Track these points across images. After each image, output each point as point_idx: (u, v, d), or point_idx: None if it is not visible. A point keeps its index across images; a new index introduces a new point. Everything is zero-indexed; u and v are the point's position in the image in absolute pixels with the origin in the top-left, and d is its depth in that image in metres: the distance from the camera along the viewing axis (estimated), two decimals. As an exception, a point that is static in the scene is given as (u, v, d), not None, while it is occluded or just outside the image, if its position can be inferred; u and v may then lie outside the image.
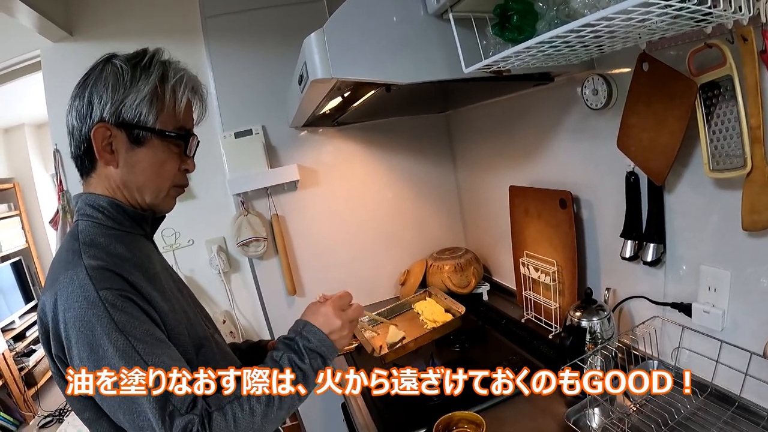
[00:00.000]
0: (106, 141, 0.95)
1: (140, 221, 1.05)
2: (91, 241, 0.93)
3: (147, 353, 0.84)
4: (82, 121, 0.96)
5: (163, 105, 0.98)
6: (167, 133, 0.99)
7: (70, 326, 0.83)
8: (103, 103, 0.94)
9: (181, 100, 1.00)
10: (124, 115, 0.95)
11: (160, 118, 0.98)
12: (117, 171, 0.98)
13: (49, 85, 2.14)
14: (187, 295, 1.15)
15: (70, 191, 2.23)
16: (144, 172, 1.00)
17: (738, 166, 1.03)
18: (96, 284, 0.84)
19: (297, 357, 0.99)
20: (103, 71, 0.96)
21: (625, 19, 0.76)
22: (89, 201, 0.99)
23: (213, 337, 1.10)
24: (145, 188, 1.01)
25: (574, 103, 1.54)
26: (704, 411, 1.17)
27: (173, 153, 1.03)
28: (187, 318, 1.02)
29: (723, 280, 1.18)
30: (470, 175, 2.45)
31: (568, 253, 1.62)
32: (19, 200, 4.95)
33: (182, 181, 1.08)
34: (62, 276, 0.86)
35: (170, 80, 0.99)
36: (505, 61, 1.01)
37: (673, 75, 1.11)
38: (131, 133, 0.96)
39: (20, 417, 4.12)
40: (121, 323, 0.83)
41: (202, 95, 1.09)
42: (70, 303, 0.83)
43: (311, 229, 2.36)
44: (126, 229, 1.01)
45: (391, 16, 1.12)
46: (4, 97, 3.79)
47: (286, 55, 2.14)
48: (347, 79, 1.10)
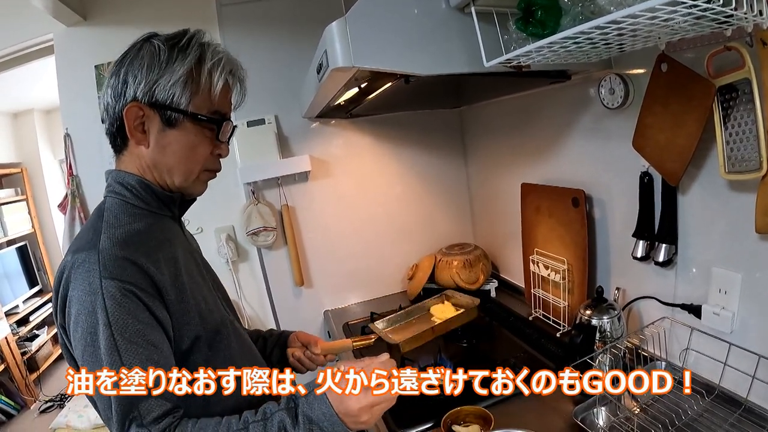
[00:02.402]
0: (138, 120, 0.95)
1: (168, 202, 1.04)
2: (114, 219, 0.94)
3: (129, 354, 0.83)
4: (116, 100, 0.96)
5: (198, 87, 0.97)
6: (199, 117, 0.98)
7: (73, 304, 0.85)
8: (137, 82, 0.94)
9: (217, 84, 0.98)
10: (158, 95, 0.94)
11: (194, 101, 0.97)
12: (148, 151, 0.98)
13: (61, 70, 2.15)
14: (210, 281, 1.14)
15: (80, 176, 2.24)
16: (175, 154, 0.99)
17: (753, 169, 1.03)
18: (102, 272, 0.84)
19: (290, 421, 0.85)
20: (141, 50, 0.96)
21: (651, 17, 0.76)
22: (119, 178, 1.00)
23: (232, 324, 1.10)
24: (175, 170, 1.01)
25: (590, 102, 1.54)
26: (711, 413, 1.17)
27: (206, 137, 1.02)
28: (205, 303, 1.01)
29: (734, 283, 1.18)
30: (481, 172, 2.46)
31: (579, 251, 1.62)
32: (26, 185, 4.96)
33: (214, 166, 1.07)
34: (79, 255, 0.87)
35: (207, 63, 0.97)
36: (526, 56, 1.01)
37: (691, 76, 1.11)
38: (164, 114, 0.96)
39: (21, 401, 4.14)
40: (114, 318, 0.82)
41: (241, 79, 1.07)
42: (77, 284, 0.85)
43: (320, 220, 2.37)
44: (153, 209, 1.01)
45: (413, 8, 1.12)
46: (14, 82, 3.80)
47: (300, 46, 2.15)
48: (368, 68, 1.10)
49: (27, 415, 4.09)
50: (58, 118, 3.68)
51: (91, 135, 2.13)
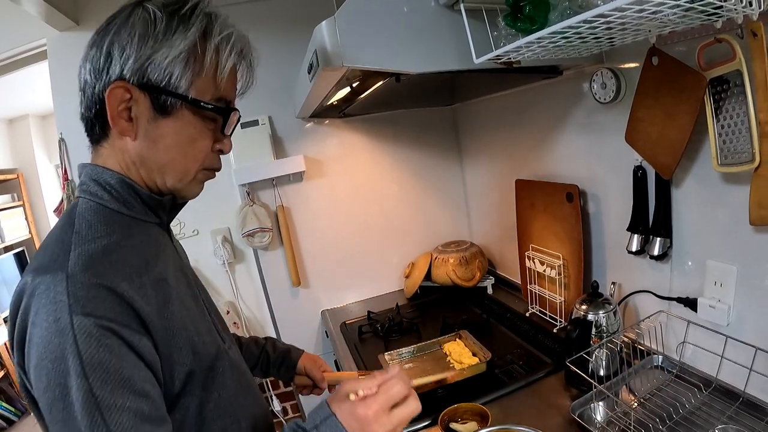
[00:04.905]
0: (123, 105, 0.77)
1: (156, 207, 0.87)
2: (87, 230, 0.75)
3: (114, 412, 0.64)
4: (96, 77, 0.78)
5: (202, 68, 0.79)
6: (202, 104, 0.81)
7: (34, 345, 0.66)
8: (125, 57, 0.76)
9: (225, 65, 0.81)
10: (151, 74, 0.76)
11: (196, 84, 0.80)
12: (135, 144, 0.80)
13: (54, 75, 2.14)
14: (204, 302, 0.95)
15: (75, 181, 2.23)
16: (168, 149, 0.82)
17: (746, 161, 1.02)
18: (73, 306, 0.65)
19: None
20: (130, 17, 0.77)
21: (638, 10, 0.76)
22: (95, 175, 0.82)
23: (227, 355, 0.92)
24: (168, 169, 0.83)
25: (582, 97, 1.54)
26: (708, 406, 1.17)
27: (207, 129, 0.85)
28: (198, 334, 0.83)
29: (729, 275, 1.18)
30: (476, 169, 2.46)
31: (574, 246, 1.62)
32: (22, 191, 4.94)
33: (214, 164, 0.91)
34: (42, 278, 0.67)
35: (214, 37, 0.80)
36: (516, 52, 1.01)
37: (682, 69, 1.11)
38: (157, 98, 0.78)
39: (22, 407, 4.13)
40: (91, 366, 0.64)
41: (250, 62, 0.90)
42: (39, 318, 0.65)
43: (316, 220, 2.37)
44: (136, 215, 0.83)
45: (402, 6, 1.11)
46: (8, 88, 3.78)
47: (292, 46, 2.14)
48: (358, 67, 1.10)
49: (27, 421, 4.08)
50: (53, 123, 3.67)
51: (85, 140, 2.11)
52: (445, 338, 1.77)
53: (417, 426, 1.33)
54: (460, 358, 1.60)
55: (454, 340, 1.75)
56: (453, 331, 1.80)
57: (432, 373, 1.53)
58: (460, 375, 1.49)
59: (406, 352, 1.73)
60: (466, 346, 1.68)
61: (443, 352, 1.70)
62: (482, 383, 1.47)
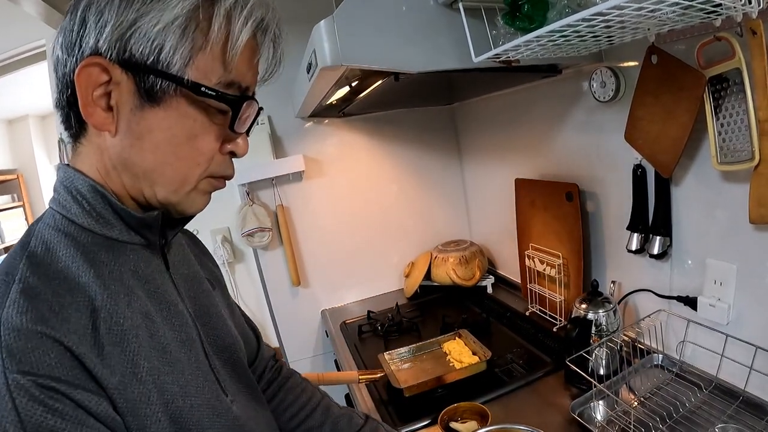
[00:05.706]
0: (100, 90, 0.58)
1: (139, 226, 0.66)
2: (43, 254, 0.58)
3: None
4: (68, 52, 0.59)
5: (206, 40, 0.59)
6: (203, 90, 0.60)
7: None
8: (101, 23, 0.56)
9: (239, 37, 0.60)
10: (134, 47, 0.56)
11: (197, 62, 0.59)
12: (115, 141, 0.61)
13: (54, 74, 2.13)
14: (208, 344, 0.75)
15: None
16: (157, 149, 0.61)
17: (746, 159, 1.02)
18: (7, 362, 0.48)
19: None
20: None
21: (637, 8, 0.75)
22: (66, 180, 0.64)
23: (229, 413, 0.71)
24: (157, 175, 0.63)
25: (582, 96, 1.54)
26: (708, 405, 1.17)
27: (212, 124, 0.64)
28: (184, 395, 0.63)
29: (729, 274, 1.17)
30: (476, 168, 2.45)
31: (574, 245, 1.62)
32: (22, 191, 4.96)
33: (223, 170, 0.69)
34: None
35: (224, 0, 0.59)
36: (514, 51, 1.01)
37: (681, 67, 1.11)
38: (143, 80, 0.58)
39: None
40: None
41: (275, 36, 0.69)
42: None
43: (316, 220, 2.36)
44: (113, 236, 0.64)
45: (401, 5, 1.11)
46: (8, 88, 3.79)
47: (292, 45, 2.12)
48: (357, 66, 1.10)
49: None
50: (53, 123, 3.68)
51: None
52: (444, 337, 1.77)
53: (417, 425, 1.32)
54: (459, 357, 1.60)
55: (454, 339, 1.75)
56: (453, 331, 1.80)
57: (432, 372, 1.53)
58: (460, 374, 1.49)
59: (406, 352, 1.72)
60: (465, 345, 1.68)
61: (443, 352, 1.70)
62: (482, 382, 1.46)
